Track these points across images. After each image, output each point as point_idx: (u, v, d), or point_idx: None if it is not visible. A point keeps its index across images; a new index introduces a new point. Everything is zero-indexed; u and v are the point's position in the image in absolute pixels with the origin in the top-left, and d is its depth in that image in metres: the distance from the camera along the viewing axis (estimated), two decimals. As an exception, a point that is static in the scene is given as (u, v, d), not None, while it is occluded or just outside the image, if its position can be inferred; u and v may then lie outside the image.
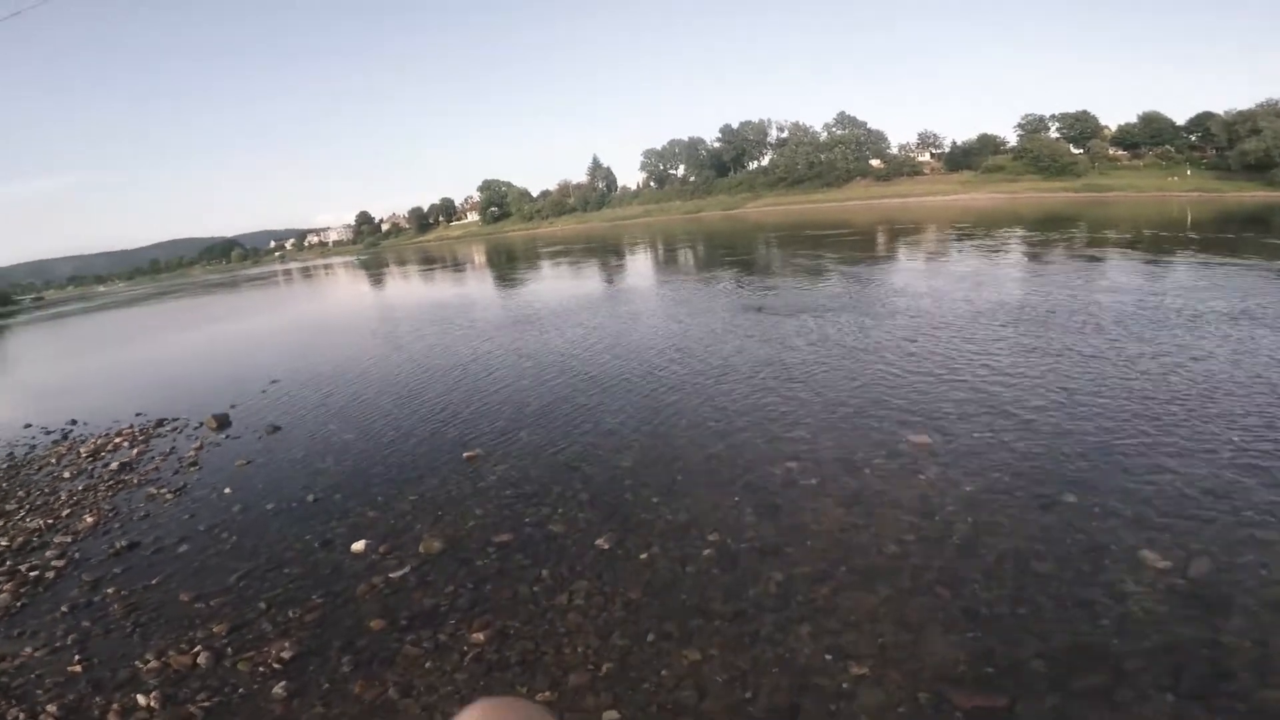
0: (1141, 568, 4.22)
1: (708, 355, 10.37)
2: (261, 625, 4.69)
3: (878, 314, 12.11)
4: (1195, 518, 4.67)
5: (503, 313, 18.20)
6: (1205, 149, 65.47)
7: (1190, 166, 62.02)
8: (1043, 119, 77.21)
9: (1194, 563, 4.22)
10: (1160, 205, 44.04)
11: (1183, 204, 43.79)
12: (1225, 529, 4.52)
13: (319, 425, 9.20)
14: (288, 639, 4.47)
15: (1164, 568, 4.19)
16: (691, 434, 7.10)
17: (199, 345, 21.12)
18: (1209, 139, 64.40)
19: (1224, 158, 59.20)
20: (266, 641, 4.47)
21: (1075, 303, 11.77)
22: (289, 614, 4.78)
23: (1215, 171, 58.37)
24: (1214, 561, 4.21)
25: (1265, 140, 52.08)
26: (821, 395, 7.90)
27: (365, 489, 6.84)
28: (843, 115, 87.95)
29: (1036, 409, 6.84)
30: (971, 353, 9.02)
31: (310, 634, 4.53)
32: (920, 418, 6.85)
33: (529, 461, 6.87)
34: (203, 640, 4.57)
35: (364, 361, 13.28)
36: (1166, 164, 64.88)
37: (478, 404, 9.19)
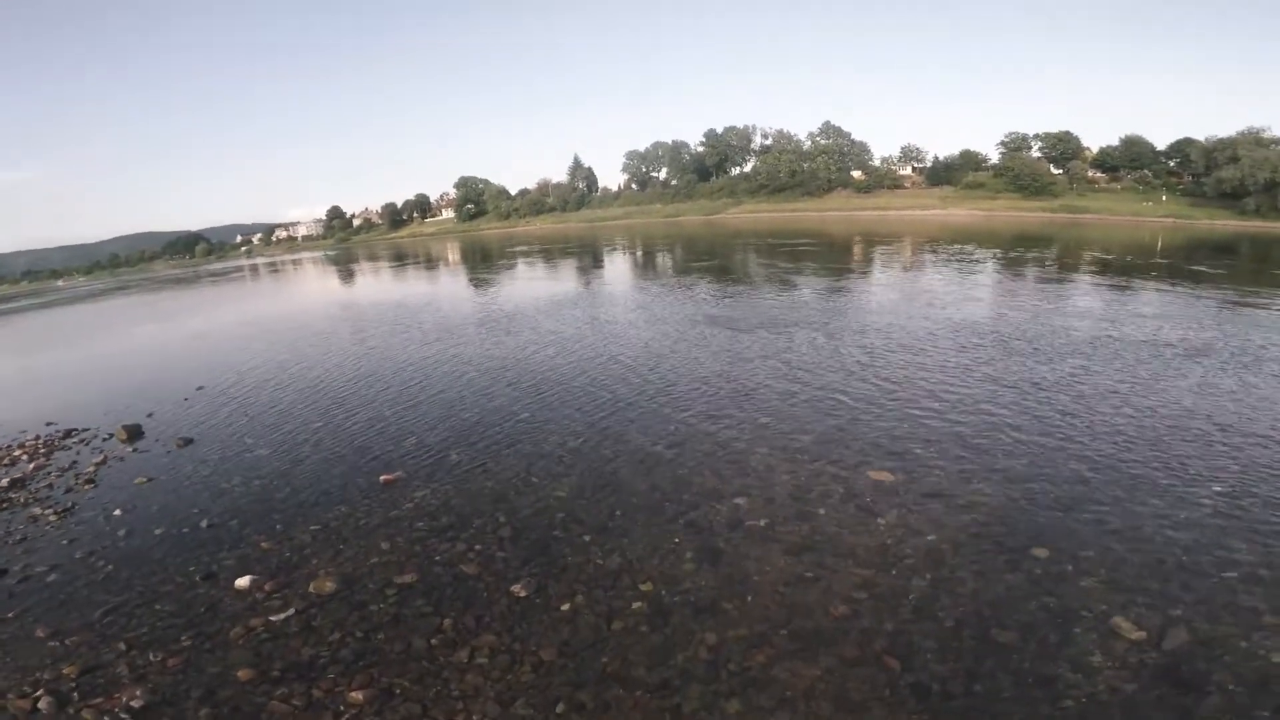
0: (1113, 638, 3.76)
1: (664, 371, 9.81)
2: (117, 669, 4.16)
3: (844, 333, 11.65)
4: (1173, 579, 4.22)
5: (455, 314, 17.47)
6: (1183, 175, 66.13)
7: (1166, 192, 62.70)
8: (1025, 137, 77.67)
9: (1170, 633, 3.77)
10: (1133, 230, 44.45)
11: (1155, 229, 44.24)
12: (1205, 593, 4.08)
13: (234, 438, 8.49)
14: (143, 685, 3.98)
15: (1137, 639, 3.73)
16: (637, 460, 6.54)
17: (134, 346, 20.02)
18: (1187, 165, 64.90)
19: (1200, 184, 59.68)
20: (119, 687, 3.98)
21: (1047, 329, 11.44)
22: (150, 657, 4.25)
23: (1190, 198, 58.96)
24: (1191, 632, 3.77)
25: (1242, 169, 52.37)
26: (779, 421, 7.38)
27: (266, 515, 6.18)
28: (828, 125, 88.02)
29: (1008, 445, 6.39)
30: (939, 380, 8.58)
31: (169, 681, 4.02)
32: (882, 450, 6.36)
33: (452, 488, 6.26)
34: (49, 683, 4.05)
35: (297, 366, 12.50)
36: (1143, 188, 65.56)
37: (409, 417, 8.53)
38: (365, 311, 20.32)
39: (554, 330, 13.73)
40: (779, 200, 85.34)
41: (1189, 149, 64.99)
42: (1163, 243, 33.15)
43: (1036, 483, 5.57)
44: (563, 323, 14.62)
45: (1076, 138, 76.33)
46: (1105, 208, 60.10)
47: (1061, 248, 30.28)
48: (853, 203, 78.57)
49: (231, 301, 34.33)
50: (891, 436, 6.69)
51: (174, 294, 47.59)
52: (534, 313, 16.44)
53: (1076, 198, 65.72)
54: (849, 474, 5.89)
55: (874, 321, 12.53)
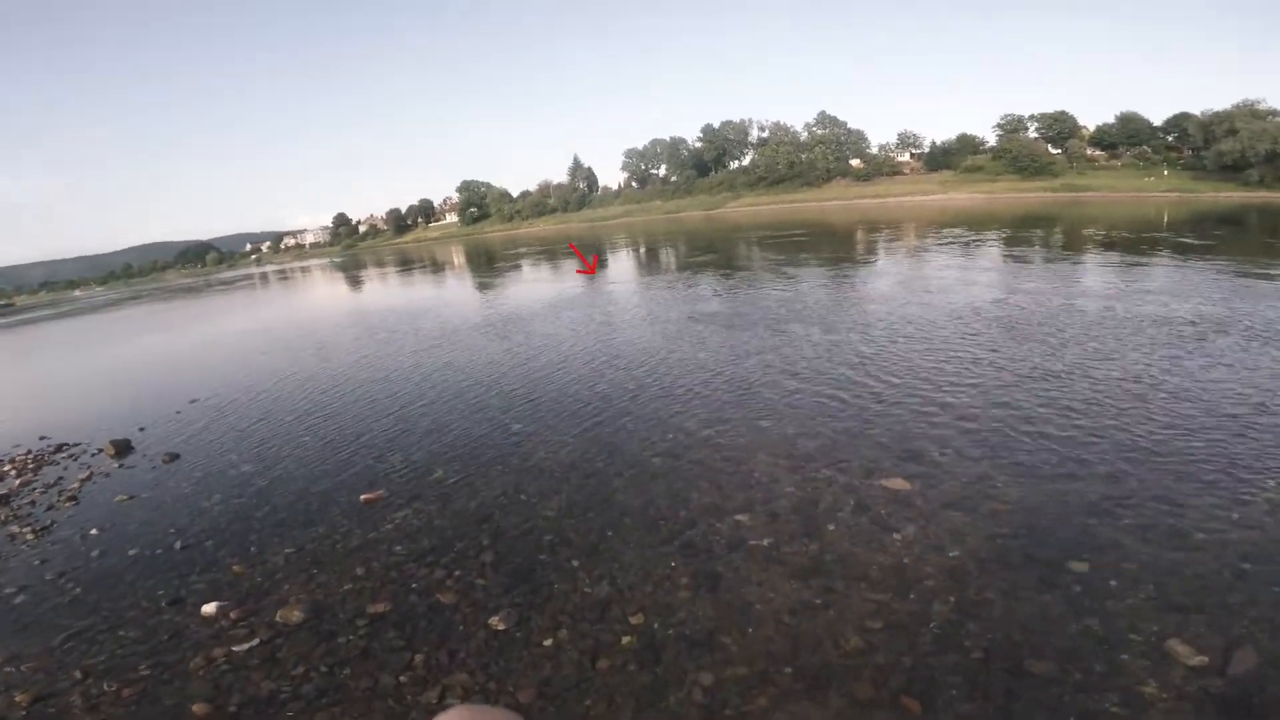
0: (1168, 665, 3.30)
1: (660, 374, 9.28)
2: (71, 698, 3.92)
3: (847, 325, 11.10)
4: (1234, 591, 3.75)
5: (452, 319, 17.05)
6: (1182, 149, 65.70)
7: (1167, 167, 62.14)
8: (1021, 119, 77.17)
9: (1235, 656, 3.31)
10: (1137, 205, 43.80)
11: (1159, 204, 43.60)
12: (1273, 605, 3.62)
13: (220, 454, 8.11)
14: (94, 716, 3.76)
15: (1197, 664, 3.27)
16: (631, 475, 6.05)
17: (135, 357, 19.78)
18: (1185, 139, 64.59)
19: (1200, 158, 59.24)
20: (70, 718, 3.77)
21: (1058, 312, 10.91)
22: (104, 687, 3.99)
23: (1192, 172, 58.47)
24: (1261, 653, 3.31)
25: (1241, 141, 52.00)
26: (782, 425, 6.86)
27: (242, 535, 5.81)
28: (823, 115, 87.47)
29: (1031, 443, 5.87)
30: (951, 373, 8.03)
31: (122, 713, 3.77)
32: (894, 455, 5.85)
33: (436, 507, 5.82)
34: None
35: (291, 376, 12.11)
36: (1144, 164, 64.99)
37: (397, 431, 8.09)
38: (363, 318, 20.00)
39: (549, 334, 13.29)
40: (778, 192, 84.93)
41: (1186, 123, 64.71)
42: (1168, 217, 32.59)
43: (1067, 484, 5.07)
44: (558, 325, 14.20)
45: (1072, 117, 75.83)
46: (1107, 185, 59.51)
47: (1066, 226, 29.74)
48: (852, 191, 78.12)
49: (236, 310, 34.16)
50: (904, 438, 6.17)
51: (182, 303, 47.56)
52: (530, 316, 16.04)
53: (1077, 176, 65.20)
54: (860, 483, 5.39)
55: (877, 312, 12.00)
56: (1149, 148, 68.21)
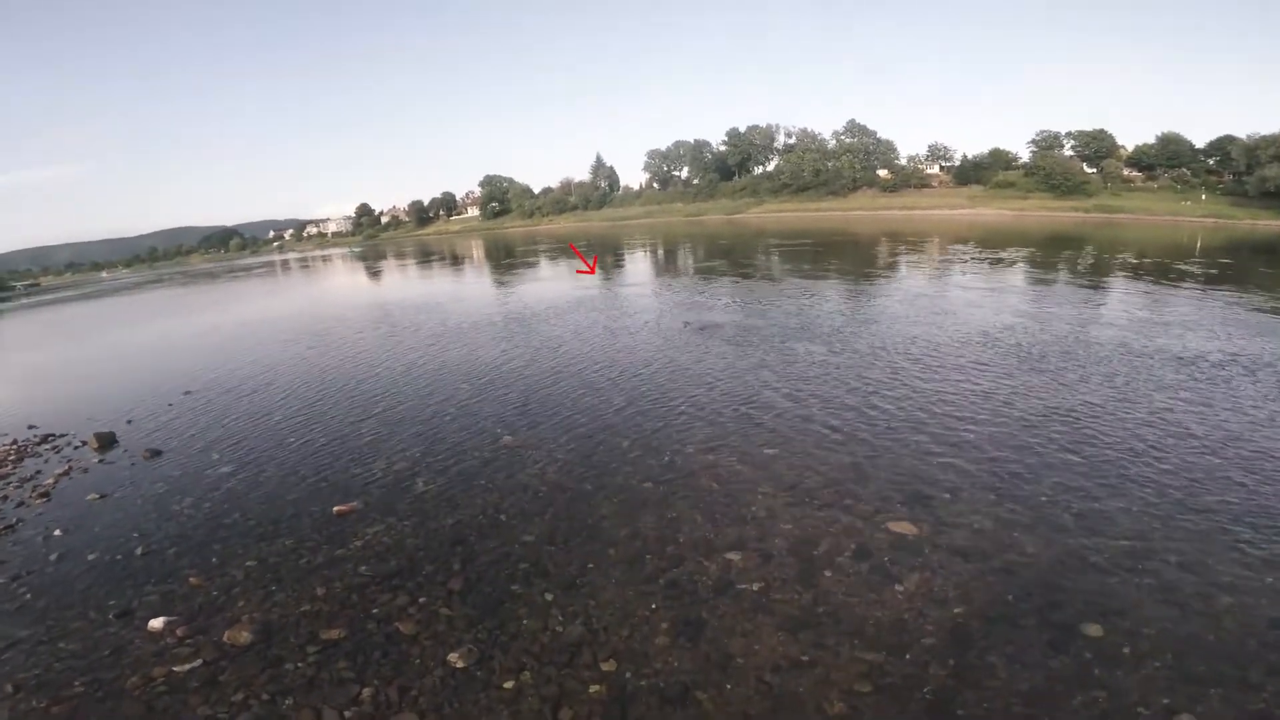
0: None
1: (662, 390, 8.87)
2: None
3: (865, 347, 10.62)
4: (1257, 665, 3.37)
5: (456, 316, 16.80)
6: (1223, 174, 63.81)
7: (1206, 191, 60.50)
8: (1057, 136, 75.59)
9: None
10: (1172, 230, 42.68)
11: (1194, 229, 42.48)
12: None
13: (202, 452, 7.89)
14: None
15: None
16: (620, 500, 5.71)
17: (138, 344, 19.69)
18: (1228, 164, 62.69)
19: (1242, 183, 57.49)
20: None
21: (1088, 344, 10.35)
22: (34, 703, 3.79)
23: (1231, 197, 56.81)
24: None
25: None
26: (787, 454, 6.45)
27: (206, 544, 5.56)
28: (853, 123, 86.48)
29: (1052, 489, 5.45)
30: (970, 406, 7.58)
31: None
32: (904, 494, 5.45)
33: (410, 524, 5.52)
34: (-81, 728, 3.53)
35: (286, 371, 11.94)
36: (1182, 187, 63.30)
37: (383, 435, 7.82)
38: (368, 311, 19.84)
39: (551, 337, 12.95)
40: (802, 199, 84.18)
41: (1230, 147, 62.70)
42: (1202, 243, 31.64)
43: (1086, 537, 4.66)
44: (562, 329, 13.82)
45: (1110, 136, 74.06)
46: (1142, 207, 57.97)
47: (1096, 248, 28.89)
48: (878, 202, 77.13)
49: (249, 298, 34.26)
50: (914, 476, 5.76)
51: (199, 289, 47.91)
52: (535, 316, 15.73)
53: (1111, 197, 63.63)
54: (864, 524, 5.00)
55: (897, 333, 11.45)
56: (1188, 170, 66.44)
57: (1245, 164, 58.07)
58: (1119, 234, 38.44)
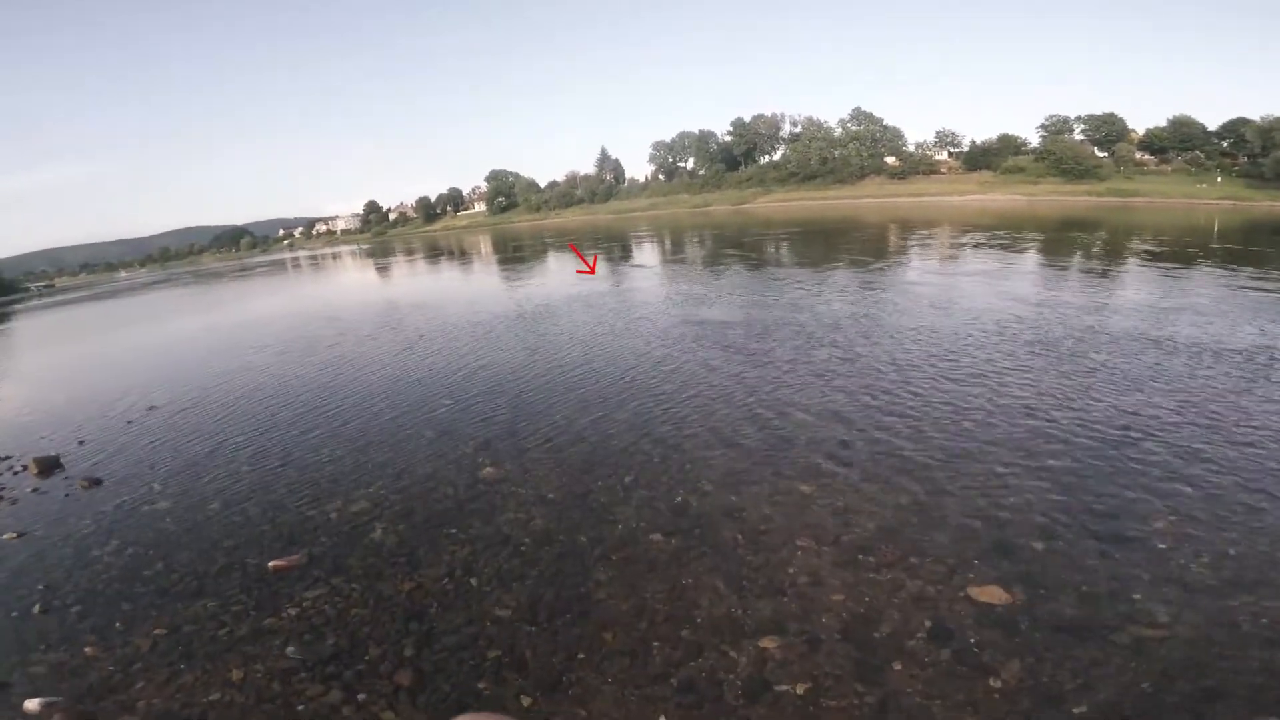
0: None
1: (675, 408, 7.66)
2: None
3: (901, 350, 9.45)
4: None
5: (454, 316, 15.82)
6: (1237, 156, 62.65)
7: (1221, 173, 59.24)
8: (1067, 120, 74.25)
9: None
10: (1187, 213, 41.42)
11: (1211, 212, 41.29)
12: None
13: (145, 482, 6.99)
14: None
15: None
16: (621, 559, 4.60)
17: (124, 349, 18.85)
18: (1242, 145, 61.64)
19: (1257, 165, 56.34)
20: None
21: (1155, 342, 9.27)
22: None
23: (1247, 179, 55.60)
24: None
25: None
26: (828, 493, 5.25)
27: (115, 602, 4.67)
28: (859, 111, 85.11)
29: (1169, 533, 4.32)
30: (1041, 417, 6.43)
31: None
32: (988, 548, 4.29)
33: (359, 587, 4.53)
34: None
35: (263, 381, 11.01)
36: (1195, 170, 62.05)
37: (348, 463, 6.84)
38: (365, 312, 19.01)
39: (551, 341, 11.87)
40: (810, 188, 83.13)
41: (1244, 129, 61.98)
42: (1219, 226, 30.53)
43: (1233, 596, 3.63)
44: (563, 331, 12.76)
45: (1121, 119, 72.94)
46: (1156, 190, 56.85)
47: (1115, 233, 27.75)
48: (887, 189, 75.98)
49: (249, 296, 33.80)
50: (994, 518, 4.62)
51: (205, 288, 47.53)
52: (535, 317, 14.76)
53: (1124, 181, 62.55)
54: (938, 590, 3.91)
55: (934, 332, 10.22)
56: (1202, 153, 65.28)
57: (1260, 145, 57.26)
58: (1133, 218, 37.29)
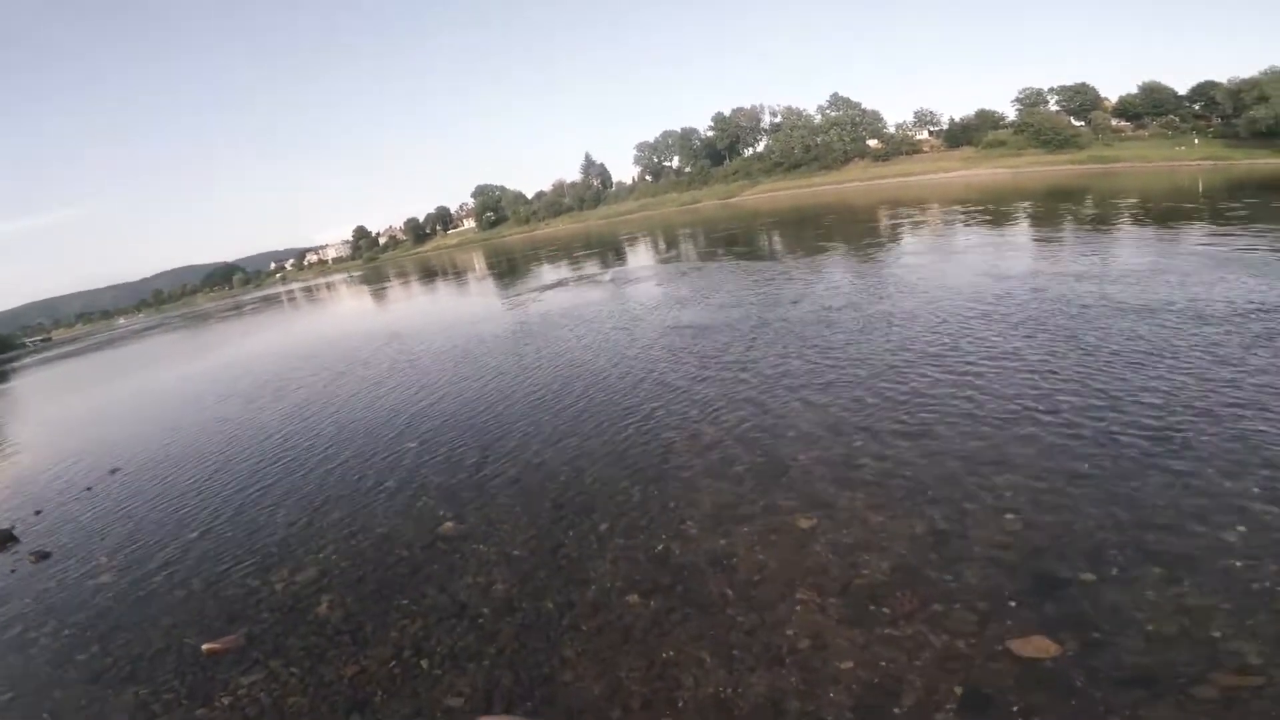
0: None
1: (656, 434, 7.08)
2: None
3: (907, 349, 8.80)
4: None
5: (426, 343, 15.54)
6: (1210, 118, 63.33)
7: (1198, 135, 59.50)
8: (1040, 92, 74.47)
9: None
10: (1170, 175, 41.20)
11: (1193, 173, 41.14)
12: None
13: (93, 555, 6.73)
14: None
15: None
16: (595, 629, 4.08)
17: (94, 409, 18.24)
18: (1213, 108, 62.47)
19: (1231, 125, 56.93)
20: None
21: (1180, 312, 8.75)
22: None
23: (1224, 140, 55.90)
24: None
25: (1275, 107, 50.39)
26: (832, 530, 4.57)
27: (42, 693, 4.49)
28: (836, 97, 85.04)
29: (1247, 554, 3.66)
30: (1068, 417, 5.73)
31: None
32: (1019, 585, 3.66)
33: (297, 674, 4.22)
34: None
35: (229, 437, 10.69)
36: (1172, 134, 62.44)
37: (300, 525, 6.50)
38: (342, 347, 18.65)
39: (526, 366, 11.42)
40: (796, 177, 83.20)
41: (1213, 91, 63.52)
42: (1203, 185, 30.37)
43: None
44: (541, 351, 12.41)
45: (1093, 89, 73.79)
46: (1137, 155, 57.36)
47: (1102, 198, 27.45)
48: (871, 172, 75.97)
49: (233, 339, 33.48)
50: (1032, 549, 3.91)
51: (193, 332, 47.33)
52: (512, 338, 14.42)
53: (1104, 148, 63.19)
54: (969, 647, 3.30)
55: (946, 318, 9.53)
56: (1176, 117, 65.84)
57: (1231, 107, 58.66)
58: (1119, 183, 37.09)
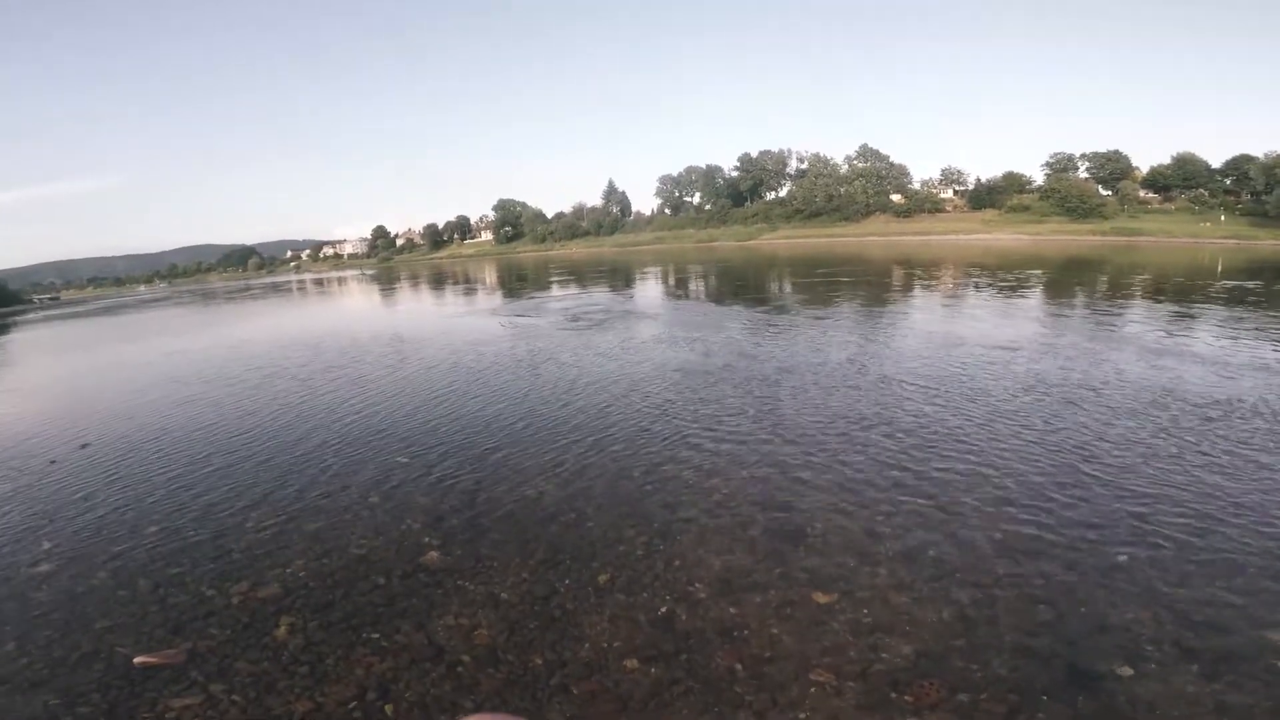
0: None
1: (665, 483, 6.47)
2: None
3: (933, 412, 8.28)
4: None
5: (432, 350, 15.10)
6: (1240, 194, 62.79)
7: (1224, 211, 59.13)
8: (1072, 158, 74.53)
9: None
10: (1192, 251, 40.95)
11: (1214, 251, 41.01)
12: None
13: (36, 539, 6.11)
14: None
15: None
16: (586, 697, 3.48)
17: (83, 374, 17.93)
18: (1245, 183, 61.87)
19: (1261, 202, 56.37)
20: None
21: (1171, 387, 8.47)
22: None
23: (1251, 218, 55.56)
24: None
25: None
26: (852, 606, 4.00)
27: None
28: (865, 148, 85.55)
29: None
30: (1122, 496, 5.28)
31: None
32: (1054, 675, 3.22)
33: (240, 701, 3.61)
34: None
35: (212, 421, 10.12)
36: (1199, 208, 62.13)
37: (269, 533, 5.86)
38: (346, 342, 18.17)
39: (533, 391, 10.78)
40: (816, 225, 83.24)
41: (1247, 166, 62.34)
42: (1223, 264, 30.09)
43: None
44: (551, 377, 11.80)
45: (1126, 157, 73.28)
46: (1161, 229, 56.86)
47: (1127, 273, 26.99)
48: (892, 227, 75.98)
49: (240, 319, 33.15)
50: (1065, 638, 3.46)
51: (203, 307, 46.92)
52: (523, 360, 13.91)
53: (1129, 219, 62.66)
54: None
55: (974, 384, 9.00)
56: (1205, 191, 65.33)
57: (1264, 183, 57.55)
58: (1138, 258, 36.72)
